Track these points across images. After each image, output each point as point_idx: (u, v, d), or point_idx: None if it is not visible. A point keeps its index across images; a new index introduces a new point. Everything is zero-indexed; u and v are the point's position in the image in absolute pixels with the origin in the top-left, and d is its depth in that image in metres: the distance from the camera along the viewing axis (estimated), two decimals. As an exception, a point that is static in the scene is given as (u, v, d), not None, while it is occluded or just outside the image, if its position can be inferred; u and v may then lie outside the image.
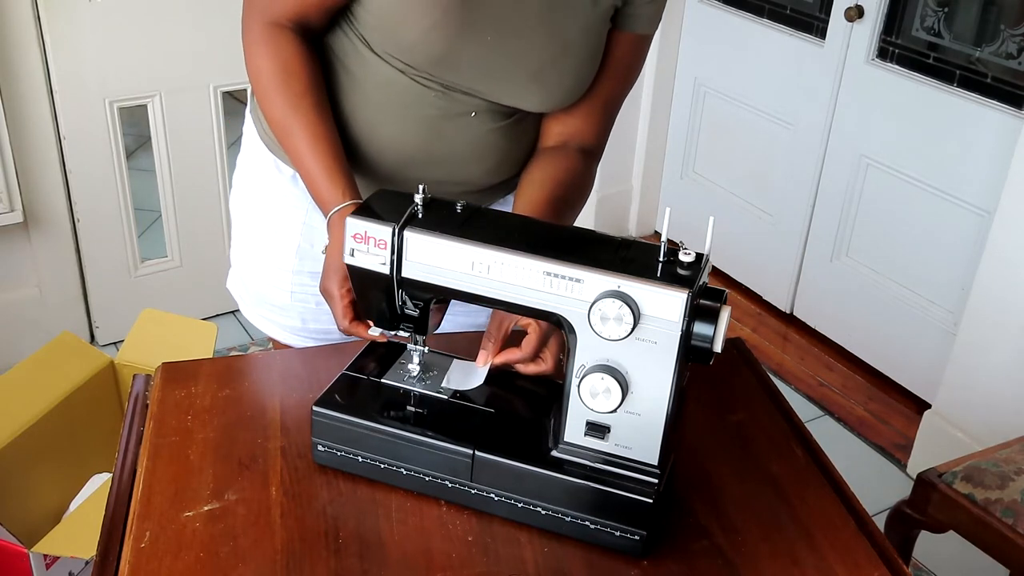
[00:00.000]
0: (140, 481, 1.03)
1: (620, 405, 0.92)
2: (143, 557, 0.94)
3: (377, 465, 1.02)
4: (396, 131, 1.22)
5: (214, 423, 1.10)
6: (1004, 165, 2.25)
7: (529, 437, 1.00)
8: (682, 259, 0.90)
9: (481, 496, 0.99)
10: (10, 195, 2.44)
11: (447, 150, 1.23)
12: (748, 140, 3.06)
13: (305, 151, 1.16)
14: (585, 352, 0.92)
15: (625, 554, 0.96)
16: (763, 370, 1.28)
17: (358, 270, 0.99)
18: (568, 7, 1.15)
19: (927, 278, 2.61)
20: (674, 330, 0.89)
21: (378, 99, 1.21)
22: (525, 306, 0.94)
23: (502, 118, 1.23)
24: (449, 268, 0.95)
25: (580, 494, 0.95)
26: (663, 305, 0.88)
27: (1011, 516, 1.60)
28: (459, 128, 1.22)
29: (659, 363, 0.90)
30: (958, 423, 2.36)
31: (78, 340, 2.16)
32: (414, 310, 1.01)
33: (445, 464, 0.99)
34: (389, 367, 1.08)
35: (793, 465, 1.11)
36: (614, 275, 0.89)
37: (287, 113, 1.17)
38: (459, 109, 1.20)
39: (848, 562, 0.98)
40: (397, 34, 1.14)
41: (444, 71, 1.17)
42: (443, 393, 1.05)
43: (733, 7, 3.00)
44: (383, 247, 0.96)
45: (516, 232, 1.01)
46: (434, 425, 1.01)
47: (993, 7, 2.43)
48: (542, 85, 1.18)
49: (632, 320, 0.88)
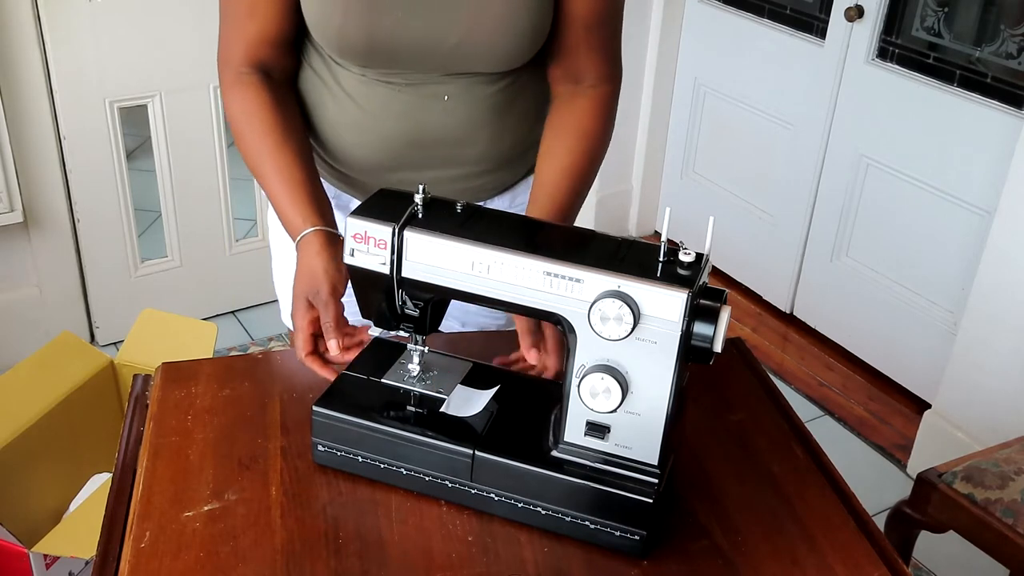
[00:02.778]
0: (140, 481, 1.03)
1: (620, 405, 0.92)
2: (143, 557, 0.94)
3: (377, 465, 1.02)
4: (379, 134, 1.24)
5: (214, 423, 1.10)
6: (1004, 165, 2.25)
7: (529, 437, 1.00)
8: (682, 259, 0.90)
9: (481, 496, 0.99)
10: (10, 195, 2.44)
11: (435, 139, 1.23)
12: (748, 140, 3.05)
13: (272, 186, 1.19)
14: (585, 352, 0.92)
15: (625, 554, 0.96)
16: (763, 370, 1.28)
17: (358, 270, 0.99)
18: None
19: (927, 278, 2.61)
20: (674, 330, 0.88)
21: (355, 107, 1.23)
22: (525, 306, 0.94)
23: (481, 92, 1.22)
24: (449, 268, 0.95)
25: (580, 494, 0.95)
26: (663, 305, 0.88)
27: (1011, 516, 1.60)
28: (438, 115, 1.22)
29: (659, 363, 0.90)
30: (958, 423, 2.36)
31: (78, 340, 2.16)
32: (414, 310, 1.01)
33: (445, 464, 0.99)
34: (389, 367, 1.08)
35: (793, 465, 1.11)
36: (614, 275, 0.89)
37: (253, 154, 1.20)
38: (429, 96, 1.20)
39: (848, 562, 0.98)
40: (327, 39, 1.17)
41: (385, 63, 1.18)
42: (443, 392, 1.05)
43: (733, 7, 3.00)
44: (383, 247, 0.96)
45: (516, 232, 1.01)
46: (434, 425, 1.01)
47: (993, 7, 2.43)
48: (481, 40, 1.16)
49: (632, 320, 0.88)
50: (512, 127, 1.27)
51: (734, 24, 3.00)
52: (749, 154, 3.07)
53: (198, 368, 1.20)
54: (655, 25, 3.15)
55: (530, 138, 1.29)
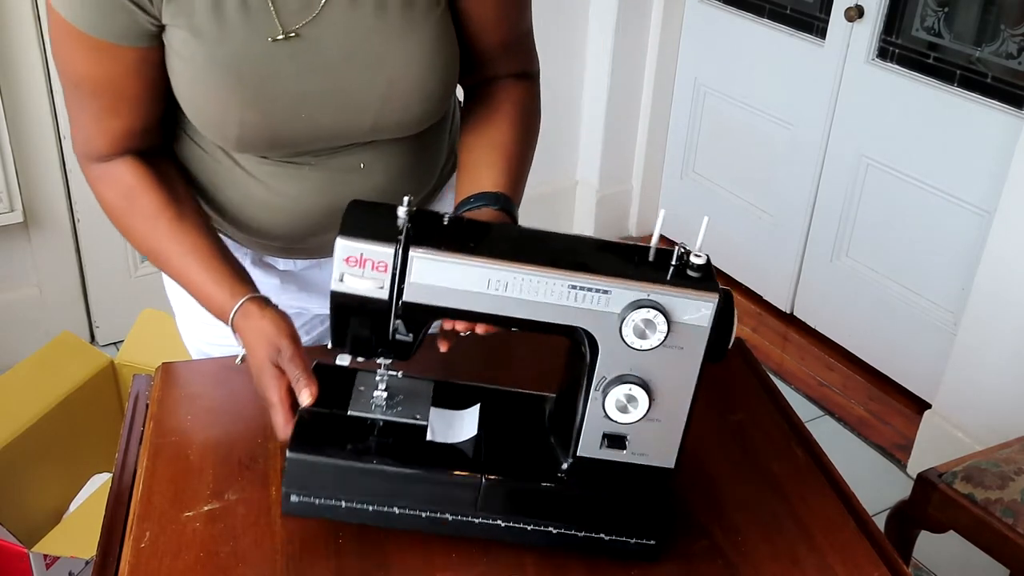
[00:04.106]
0: (140, 481, 1.03)
1: (646, 414, 0.90)
2: (143, 557, 0.93)
3: (365, 509, 0.93)
4: (292, 212, 1.15)
5: (214, 423, 1.10)
6: (1004, 165, 2.25)
7: (531, 456, 0.95)
8: (694, 262, 0.88)
9: (487, 525, 0.94)
10: (10, 195, 2.44)
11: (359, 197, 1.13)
12: (748, 140, 3.05)
13: (180, 269, 1.09)
14: (607, 364, 0.89)
15: (636, 560, 0.96)
16: (763, 370, 1.28)
17: (348, 297, 0.89)
18: (371, 41, 1.04)
19: (927, 278, 2.61)
20: (703, 334, 0.87)
21: (261, 188, 1.14)
22: (545, 322, 0.89)
23: (396, 150, 1.15)
24: (460, 289, 0.88)
25: (596, 509, 0.93)
26: (695, 310, 0.86)
27: (1011, 516, 1.60)
28: (355, 183, 1.14)
29: (685, 368, 0.89)
30: (958, 423, 2.36)
31: (78, 340, 2.16)
32: (407, 335, 0.93)
33: (446, 497, 0.93)
34: (346, 397, 0.99)
35: (793, 465, 1.11)
36: (641, 284, 0.86)
37: (147, 239, 1.10)
38: (342, 169, 1.13)
39: (848, 562, 0.98)
40: (221, 140, 1.08)
41: (291, 153, 1.10)
42: (420, 418, 0.97)
43: (733, 7, 3.00)
44: (383, 269, 0.87)
45: (527, 245, 0.94)
46: (429, 456, 0.94)
47: (993, 7, 2.43)
48: (395, 115, 1.09)
49: (666, 328, 0.86)
50: (431, 167, 1.22)
51: (734, 24, 3.00)
52: (749, 154, 3.07)
53: (198, 368, 1.20)
54: (655, 25, 3.14)
55: (450, 162, 1.24)
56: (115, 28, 0.99)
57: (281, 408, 0.98)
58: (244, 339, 1.03)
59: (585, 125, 3.27)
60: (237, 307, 1.03)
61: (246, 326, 1.03)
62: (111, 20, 0.98)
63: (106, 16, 0.98)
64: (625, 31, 3.10)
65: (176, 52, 1.02)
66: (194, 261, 1.08)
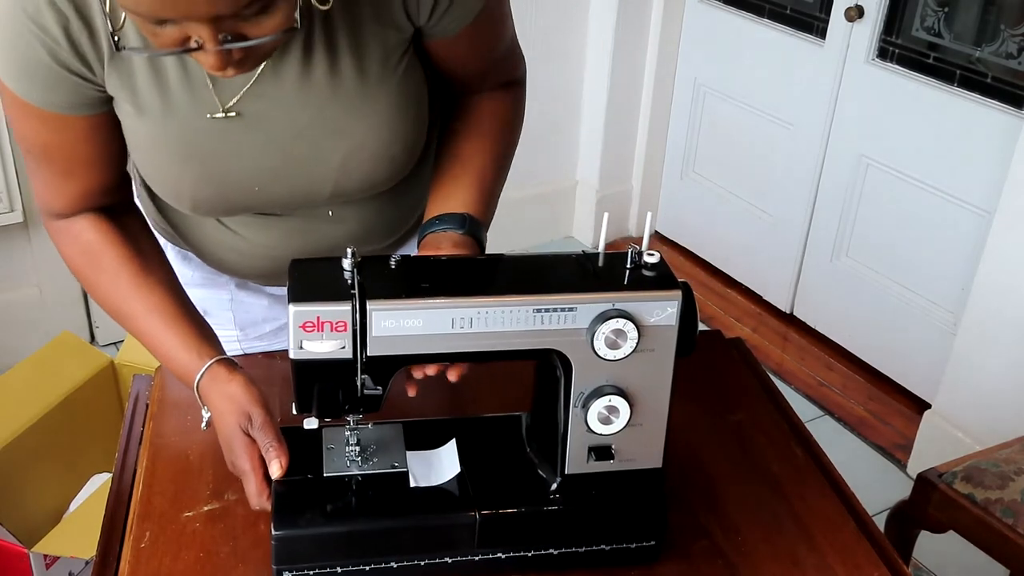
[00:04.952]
0: (140, 481, 1.03)
1: (628, 422, 0.90)
2: (143, 557, 0.94)
3: (363, 570, 0.91)
4: (262, 255, 1.14)
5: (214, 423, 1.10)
6: (1004, 165, 2.25)
7: (518, 483, 0.94)
8: (648, 261, 0.88)
9: (487, 560, 0.93)
10: (10, 195, 2.44)
11: (328, 247, 1.12)
12: (748, 140, 3.05)
13: (145, 329, 1.05)
14: (583, 379, 0.89)
15: (638, 561, 0.96)
16: (763, 370, 1.28)
17: (310, 363, 0.85)
18: (339, 97, 1.00)
19: (927, 278, 2.61)
20: (672, 333, 0.88)
21: (230, 234, 1.12)
22: (513, 351, 0.87)
23: (366, 198, 1.12)
24: (427, 333, 0.85)
25: (595, 524, 0.93)
26: (661, 311, 0.87)
27: (1011, 516, 1.60)
28: (325, 229, 1.12)
29: (658, 368, 0.89)
30: (958, 423, 2.36)
31: (78, 340, 2.17)
32: (375, 388, 0.89)
33: (443, 540, 0.92)
34: (317, 459, 0.96)
35: (793, 465, 1.11)
36: (605, 295, 0.86)
37: (110, 296, 1.07)
38: (311, 217, 1.11)
39: (848, 562, 0.98)
40: (180, 206, 1.06)
41: (250, 212, 1.08)
42: (399, 466, 0.95)
43: (733, 7, 3.00)
44: (342, 329, 0.84)
45: (482, 275, 0.92)
46: (418, 504, 0.92)
47: (993, 7, 2.43)
48: (356, 179, 1.06)
49: (637, 334, 0.86)
50: (409, 209, 1.20)
51: (734, 24, 3.00)
52: (749, 154, 3.07)
53: (198, 368, 1.20)
54: (655, 25, 3.14)
55: (423, 203, 1.17)
56: (61, 99, 0.96)
57: (254, 477, 0.94)
58: (211, 404, 0.99)
59: (585, 125, 3.27)
60: (204, 370, 0.99)
61: (214, 390, 0.99)
62: (55, 92, 0.95)
63: (50, 88, 0.95)
64: (625, 31, 3.10)
65: (124, 124, 1.00)
66: (158, 320, 1.04)
